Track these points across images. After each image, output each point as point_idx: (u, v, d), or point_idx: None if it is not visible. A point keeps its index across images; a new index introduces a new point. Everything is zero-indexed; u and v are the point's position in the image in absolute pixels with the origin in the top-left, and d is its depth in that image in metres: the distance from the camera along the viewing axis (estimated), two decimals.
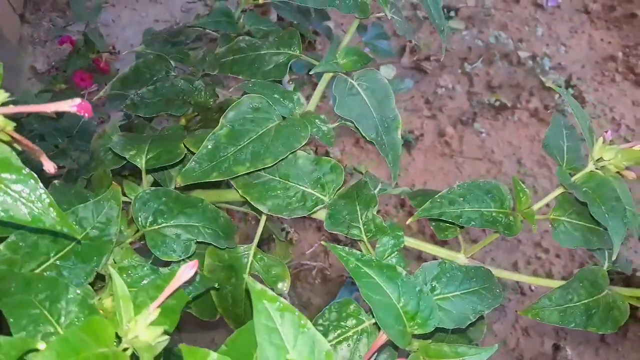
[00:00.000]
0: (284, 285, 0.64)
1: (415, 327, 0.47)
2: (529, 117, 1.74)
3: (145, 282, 0.52)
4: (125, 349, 0.38)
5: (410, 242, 0.61)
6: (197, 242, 0.57)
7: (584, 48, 1.93)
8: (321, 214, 0.62)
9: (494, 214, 0.54)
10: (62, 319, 0.42)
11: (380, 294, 0.47)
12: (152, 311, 0.39)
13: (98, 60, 1.39)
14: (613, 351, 1.36)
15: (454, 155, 1.66)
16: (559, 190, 0.56)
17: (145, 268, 0.52)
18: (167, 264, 0.56)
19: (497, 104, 1.75)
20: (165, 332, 0.40)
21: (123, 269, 0.52)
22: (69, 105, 0.36)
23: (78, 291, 0.43)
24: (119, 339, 0.38)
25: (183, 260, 0.56)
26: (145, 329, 0.38)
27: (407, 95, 1.80)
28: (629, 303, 0.55)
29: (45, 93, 1.31)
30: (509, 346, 1.36)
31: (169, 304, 0.42)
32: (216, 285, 0.58)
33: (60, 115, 1.32)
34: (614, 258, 0.49)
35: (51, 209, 0.42)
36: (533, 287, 1.44)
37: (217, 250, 0.62)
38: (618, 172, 0.55)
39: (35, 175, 0.42)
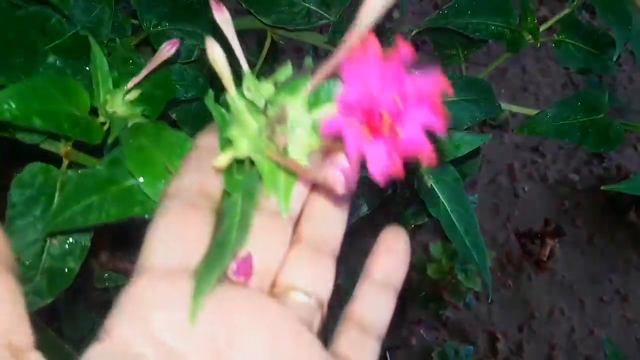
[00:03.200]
0: None
1: None
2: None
3: None
4: (102, 124, 0.37)
5: None
6: (200, 50, 0.57)
7: None
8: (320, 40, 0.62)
9: (499, 27, 0.54)
10: None
11: None
12: (131, 86, 0.39)
13: None
14: (598, 253, 1.40)
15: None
16: (565, 12, 0.56)
17: (146, 59, 0.52)
18: None
19: None
20: (145, 116, 0.40)
21: (125, 59, 0.52)
22: None
23: (57, 60, 0.42)
24: (95, 114, 0.38)
25: (187, 64, 0.56)
26: (123, 104, 0.38)
27: None
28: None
29: None
30: (498, 242, 1.40)
31: (154, 93, 0.42)
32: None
33: None
34: (615, 57, 0.50)
35: None
36: (526, 189, 1.46)
37: None
38: None
39: None
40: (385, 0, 0.22)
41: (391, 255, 0.26)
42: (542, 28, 0.56)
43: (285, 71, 0.26)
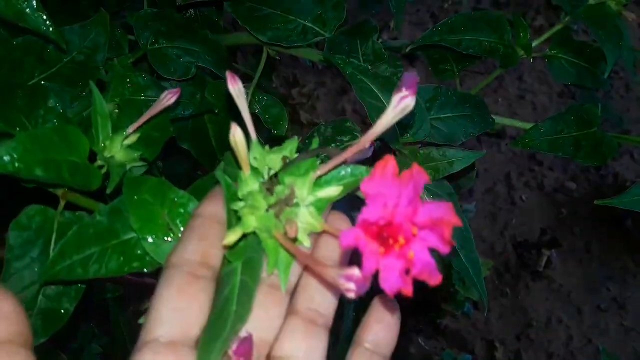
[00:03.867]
0: (283, 127, 0.66)
1: (407, 135, 0.48)
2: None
3: (146, 93, 0.53)
4: (100, 167, 0.38)
5: None
6: (198, 67, 0.58)
7: None
8: (317, 56, 0.63)
9: (492, 44, 0.55)
10: (39, 127, 0.40)
11: (374, 99, 0.48)
12: (131, 132, 0.39)
13: None
14: (595, 261, 1.40)
15: None
16: (557, 27, 0.57)
17: (145, 77, 0.52)
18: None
19: None
20: (144, 160, 0.40)
21: (123, 77, 0.52)
22: None
23: (57, 103, 0.42)
24: (93, 158, 0.38)
25: (185, 81, 0.56)
26: (121, 149, 0.38)
27: (412, 8, 1.77)
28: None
29: None
30: (495, 250, 1.40)
31: (152, 135, 0.42)
32: (216, 111, 0.59)
33: None
34: (606, 75, 0.50)
35: (40, 12, 0.41)
36: (524, 197, 1.46)
37: (216, 87, 0.63)
38: (619, 13, 0.55)
39: None
40: (397, 117, 0.25)
41: (382, 325, 0.27)
42: (536, 41, 0.57)
43: (291, 145, 0.27)
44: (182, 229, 0.33)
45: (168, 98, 0.39)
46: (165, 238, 0.32)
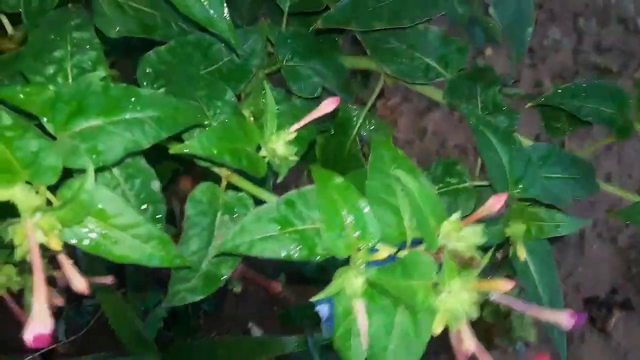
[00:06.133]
0: None
1: (518, 190, 0.51)
2: (632, 87, 1.68)
3: (280, 106, 0.57)
4: (262, 157, 0.43)
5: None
6: (324, 89, 0.62)
7: None
8: (437, 95, 0.66)
9: (612, 114, 0.56)
10: (216, 117, 0.47)
11: (492, 152, 0.50)
12: (292, 131, 0.44)
13: None
14: None
15: None
16: None
17: (279, 92, 0.57)
18: None
19: (602, 66, 1.70)
20: (296, 154, 0.45)
21: (259, 88, 0.57)
22: None
23: (233, 97, 0.48)
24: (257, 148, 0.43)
25: (311, 100, 0.61)
26: (283, 144, 0.44)
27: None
28: None
29: None
30: None
31: (302, 133, 0.47)
32: (332, 131, 0.64)
33: None
34: None
35: (226, 20, 0.46)
36: (594, 247, 1.44)
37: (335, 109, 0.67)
38: None
39: None
40: None
41: None
42: None
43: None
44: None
45: (329, 104, 0.44)
46: (340, 231, 0.36)
